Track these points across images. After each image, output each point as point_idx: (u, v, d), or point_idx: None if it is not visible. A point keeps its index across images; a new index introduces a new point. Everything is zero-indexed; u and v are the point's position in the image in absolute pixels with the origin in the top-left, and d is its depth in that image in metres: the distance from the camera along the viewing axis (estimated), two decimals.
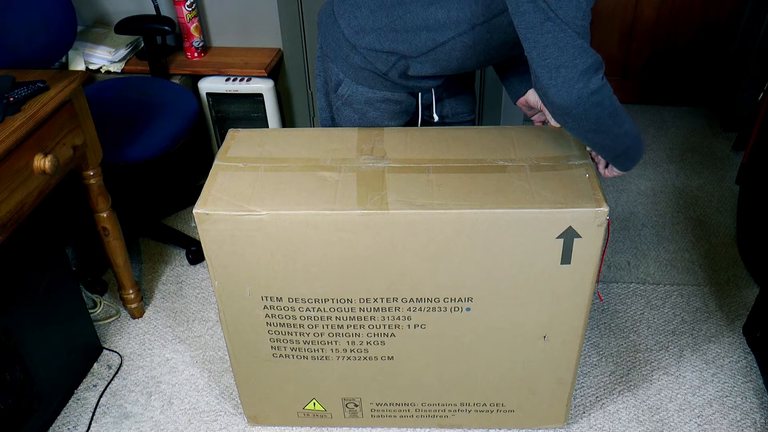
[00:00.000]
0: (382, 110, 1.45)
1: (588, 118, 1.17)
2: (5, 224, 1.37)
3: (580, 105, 1.14)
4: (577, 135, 1.25)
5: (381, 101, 1.43)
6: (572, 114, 1.17)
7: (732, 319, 1.90)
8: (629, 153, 1.30)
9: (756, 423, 1.62)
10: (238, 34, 2.42)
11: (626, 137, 1.26)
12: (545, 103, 1.19)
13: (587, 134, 1.23)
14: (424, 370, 1.47)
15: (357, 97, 1.43)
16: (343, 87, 1.43)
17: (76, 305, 1.75)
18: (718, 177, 2.51)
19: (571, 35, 1.10)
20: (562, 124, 1.22)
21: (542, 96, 1.18)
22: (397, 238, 1.25)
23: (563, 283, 1.30)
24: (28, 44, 1.80)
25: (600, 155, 1.34)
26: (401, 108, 1.46)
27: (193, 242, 2.19)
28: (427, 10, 1.26)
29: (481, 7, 1.24)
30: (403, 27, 1.29)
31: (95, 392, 1.76)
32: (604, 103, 1.17)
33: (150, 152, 1.89)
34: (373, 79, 1.39)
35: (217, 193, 1.27)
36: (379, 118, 1.46)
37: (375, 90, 1.41)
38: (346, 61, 1.39)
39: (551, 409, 1.56)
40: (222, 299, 1.37)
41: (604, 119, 1.19)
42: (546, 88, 1.14)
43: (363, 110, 1.44)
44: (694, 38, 2.76)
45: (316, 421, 1.61)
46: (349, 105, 1.45)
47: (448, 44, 1.30)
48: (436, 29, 1.28)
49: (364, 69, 1.38)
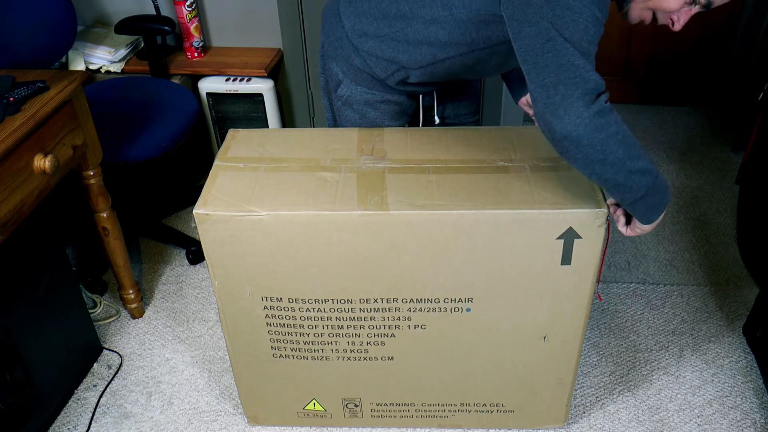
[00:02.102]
0: (382, 111, 1.45)
1: (592, 144, 1.06)
2: (5, 224, 1.37)
3: (581, 126, 1.04)
4: (584, 169, 1.11)
5: (380, 102, 1.43)
6: (573, 139, 1.05)
7: (732, 319, 1.90)
8: (650, 198, 1.15)
9: (756, 423, 1.62)
10: (238, 34, 2.42)
11: (644, 175, 1.12)
12: (545, 131, 1.09)
13: (594, 166, 1.09)
14: (424, 370, 1.47)
15: (356, 98, 1.43)
16: (343, 87, 1.43)
17: (76, 305, 1.75)
18: (718, 177, 2.51)
19: (573, 54, 1.03)
20: (565, 154, 1.10)
21: (541, 123, 1.09)
22: (397, 238, 1.25)
23: (563, 283, 1.30)
24: (28, 44, 1.80)
25: (615, 198, 1.18)
26: (401, 109, 1.46)
27: (193, 242, 2.19)
28: (428, 28, 1.26)
29: (481, 37, 1.23)
30: (405, 39, 1.29)
31: (95, 392, 1.76)
32: (609, 128, 1.05)
33: (150, 152, 1.89)
34: (372, 82, 1.39)
35: (217, 194, 1.27)
36: (379, 118, 1.46)
37: (374, 91, 1.41)
38: (346, 61, 1.39)
39: (551, 410, 1.56)
40: (222, 299, 1.37)
41: (611, 147, 1.06)
42: (544, 110, 1.05)
43: (363, 111, 1.45)
44: (695, 39, 2.76)
45: (316, 421, 1.61)
46: (349, 105, 1.45)
47: (448, 61, 1.30)
48: (437, 46, 1.28)
49: (364, 71, 1.38)
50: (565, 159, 1.11)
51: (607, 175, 1.11)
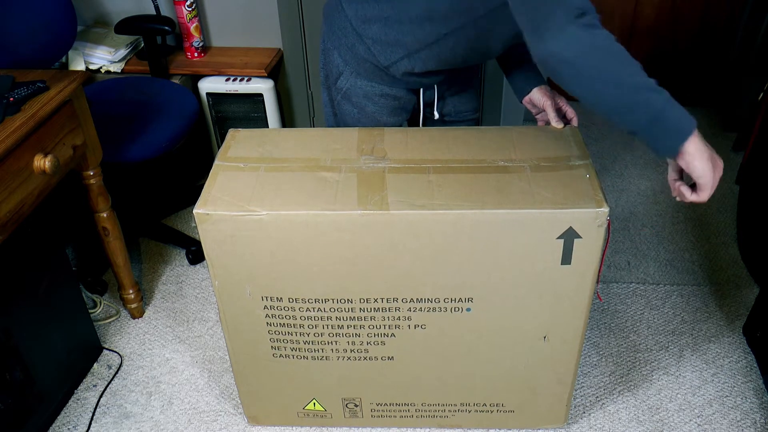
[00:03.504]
0: (381, 105, 1.45)
1: (580, 58, 1.02)
2: (5, 224, 1.37)
3: (563, 40, 1.01)
4: (582, 92, 1.05)
5: (379, 96, 1.44)
6: (559, 55, 1.02)
7: (732, 319, 1.90)
8: (670, 114, 1.03)
9: (756, 423, 1.62)
10: (238, 34, 2.42)
11: (651, 92, 1.02)
12: (535, 57, 1.06)
13: (592, 85, 1.03)
14: (424, 370, 1.47)
15: (355, 91, 1.44)
16: (342, 79, 1.43)
17: (76, 305, 1.75)
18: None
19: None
20: (557, 77, 1.05)
21: (531, 51, 1.07)
22: (397, 238, 1.25)
23: (563, 283, 1.30)
24: (28, 44, 1.80)
25: (631, 126, 1.06)
26: (399, 104, 1.47)
27: (193, 242, 2.19)
28: (429, 2, 1.27)
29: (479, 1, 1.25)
30: (408, 18, 1.30)
31: (95, 392, 1.76)
32: (596, 41, 1.01)
33: (150, 152, 1.89)
34: (374, 72, 1.40)
35: (218, 193, 1.27)
36: (378, 113, 1.46)
37: (373, 84, 1.42)
38: (350, 51, 1.39)
39: (551, 409, 1.56)
40: (222, 299, 1.37)
41: (603, 61, 1.02)
42: (530, 36, 1.04)
43: (362, 104, 1.45)
44: (695, 38, 2.76)
45: (316, 421, 1.61)
46: (348, 99, 1.45)
47: (452, 37, 1.30)
48: (438, 21, 1.29)
49: (367, 61, 1.38)
50: (561, 85, 1.06)
51: (609, 96, 1.03)
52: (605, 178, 2.51)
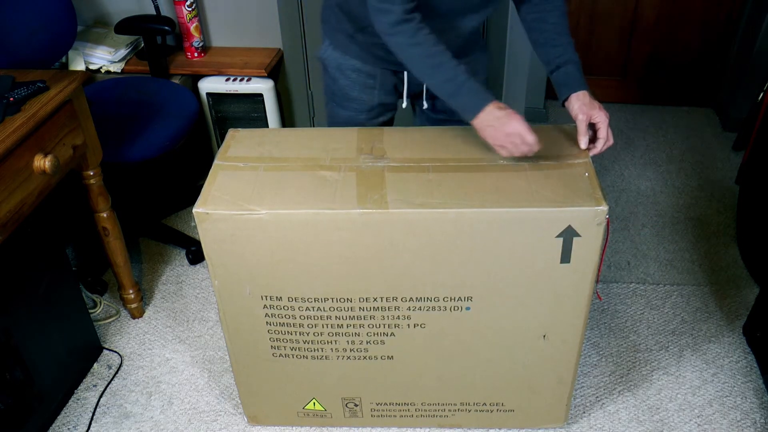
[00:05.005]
0: (352, 80, 1.49)
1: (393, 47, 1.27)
2: (5, 224, 1.37)
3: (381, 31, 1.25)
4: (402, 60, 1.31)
5: (351, 70, 1.48)
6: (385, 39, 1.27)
7: (732, 319, 1.90)
8: (458, 99, 1.29)
9: (756, 423, 1.62)
10: (238, 34, 2.42)
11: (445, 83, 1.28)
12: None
13: (408, 65, 1.30)
14: (423, 369, 1.47)
15: (330, 62, 1.50)
16: (322, 49, 1.51)
17: (76, 305, 1.75)
18: (718, 177, 2.51)
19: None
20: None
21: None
22: (396, 237, 1.25)
23: (563, 282, 1.30)
24: (28, 44, 1.80)
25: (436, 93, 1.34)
26: (375, 83, 1.49)
27: (193, 242, 2.19)
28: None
29: None
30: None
31: (95, 392, 1.76)
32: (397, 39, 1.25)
33: (150, 152, 1.89)
34: (346, 43, 1.45)
35: (217, 193, 1.27)
36: (348, 87, 1.50)
37: (347, 57, 1.47)
38: (328, 23, 1.48)
39: (551, 409, 1.56)
40: (222, 299, 1.37)
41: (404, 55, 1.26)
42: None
43: (335, 76, 1.51)
44: (694, 38, 2.76)
45: (316, 420, 1.61)
46: (326, 70, 1.52)
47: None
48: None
49: (338, 31, 1.45)
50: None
51: (419, 75, 1.31)
52: (605, 178, 2.51)
